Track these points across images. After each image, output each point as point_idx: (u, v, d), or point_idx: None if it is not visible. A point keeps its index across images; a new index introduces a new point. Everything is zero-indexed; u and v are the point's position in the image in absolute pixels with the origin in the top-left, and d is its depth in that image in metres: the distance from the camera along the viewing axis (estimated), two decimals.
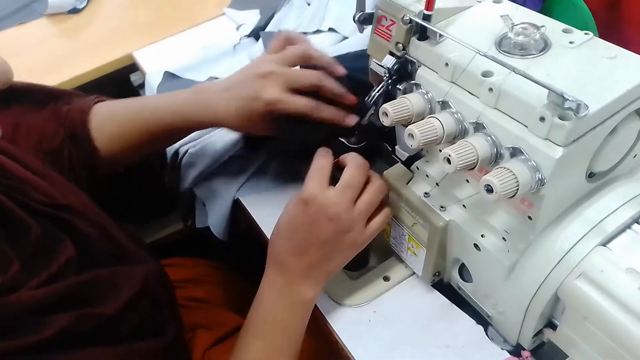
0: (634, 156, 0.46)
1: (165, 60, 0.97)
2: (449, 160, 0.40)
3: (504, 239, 0.46)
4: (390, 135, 0.58)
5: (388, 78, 0.50)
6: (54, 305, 0.42)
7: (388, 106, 0.46)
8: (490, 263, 0.47)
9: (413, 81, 0.49)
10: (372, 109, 0.55)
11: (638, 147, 0.45)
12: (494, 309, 0.50)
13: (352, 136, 0.60)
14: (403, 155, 0.57)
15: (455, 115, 0.44)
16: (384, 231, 0.59)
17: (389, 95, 0.52)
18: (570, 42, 0.43)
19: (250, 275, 0.55)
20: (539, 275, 0.43)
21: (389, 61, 0.50)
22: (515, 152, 0.40)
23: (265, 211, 0.67)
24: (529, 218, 0.43)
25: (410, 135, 0.43)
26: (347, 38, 0.88)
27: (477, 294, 0.52)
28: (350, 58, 0.69)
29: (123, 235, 0.55)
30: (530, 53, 0.42)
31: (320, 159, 0.52)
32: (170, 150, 0.78)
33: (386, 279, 0.58)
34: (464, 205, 0.49)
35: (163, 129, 0.63)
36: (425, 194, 0.51)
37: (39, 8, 1.22)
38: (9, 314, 0.40)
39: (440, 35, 0.45)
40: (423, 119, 0.45)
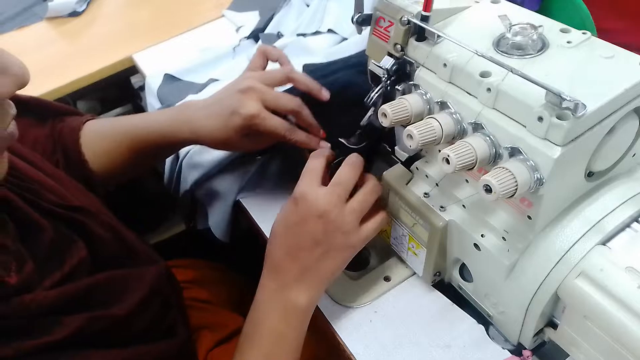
0: (633, 155, 0.46)
1: (165, 62, 0.97)
2: (447, 161, 0.40)
3: (503, 238, 0.46)
4: (389, 135, 0.58)
5: (387, 79, 0.51)
6: (67, 306, 0.43)
7: (387, 107, 0.46)
8: (491, 263, 0.47)
9: (412, 82, 0.49)
10: (372, 109, 0.55)
11: (636, 146, 0.45)
12: (495, 309, 0.50)
13: (351, 136, 0.60)
14: (402, 155, 0.57)
15: (453, 116, 0.44)
16: (384, 232, 0.59)
17: (388, 96, 0.52)
18: (568, 42, 0.43)
19: (252, 276, 0.54)
20: (539, 275, 0.43)
21: (387, 62, 0.50)
22: (513, 152, 0.40)
23: (266, 212, 0.68)
24: (529, 217, 0.44)
25: (409, 136, 0.43)
26: (346, 39, 0.88)
27: (478, 293, 0.52)
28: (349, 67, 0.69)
29: (133, 237, 0.55)
30: (528, 53, 0.42)
31: (314, 159, 0.52)
32: None
33: (387, 279, 0.58)
34: (463, 205, 0.49)
35: (148, 147, 0.63)
36: (425, 194, 0.52)
37: (39, 11, 1.22)
38: (24, 314, 0.40)
39: (439, 36, 0.45)
40: (422, 119, 0.45)
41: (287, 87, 0.63)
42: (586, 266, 0.41)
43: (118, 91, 1.58)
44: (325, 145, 0.59)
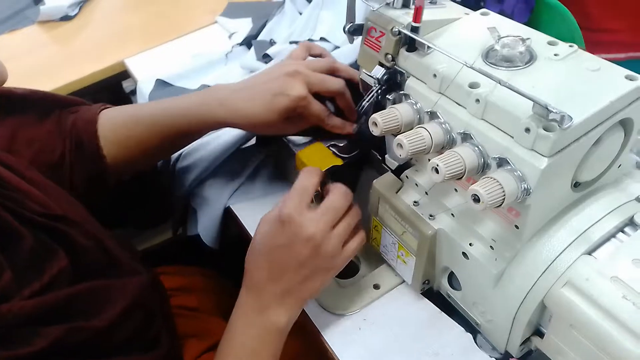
0: (619, 166, 0.47)
1: (157, 67, 0.97)
2: (437, 170, 0.41)
3: (491, 247, 0.47)
4: (380, 144, 0.59)
5: (377, 88, 0.51)
6: (45, 317, 0.42)
7: (377, 116, 0.46)
8: (479, 271, 0.48)
9: (402, 91, 0.49)
10: (363, 118, 0.55)
11: (622, 157, 0.46)
12: (483, 317, 0.51)
13: (342, 139, 0.60)
14: (393, 164, 0.57)
15: (443, 126, 0.45)
16: (374, 239, 0.59)
17: (379, 105, 0.53)
18: (555, 55, 0.43)
19: (242, 283, 0.54)
20: (526, 284, 0.44)
21: (378, 72, 0.51)
22: (501, 162, 0.41)
23: (256, 219, 0.66)
24: (516, 227, 0.44)
25: (399, 145, 0.44)
26: (339, 47, 0.89)
27: (466, 302, 0.52)
28: None
29: (118, 248, 0.55)
30: (516, 65, 0.43)
31: (305, 178, 0.51)
32: None
33: (376, 287, 0.59)
34: (452, 214, 0.50)
35: (179, 132, 0.62)
36: (415, 202, 0.52)
37: (31, 15, 1.22)
38: (1, 324, 0.39)
39: (429, 47, 0.46)
40: (412, 128, 0.45)
41: None
42: (572, 275, 0.42)
43: (109, 96, 1.57)
44: (351, 130, 0.60)
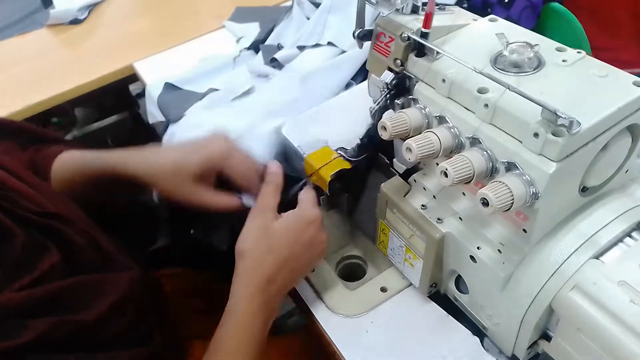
0: (626, 171, 0.47)
1: (165, 71, 0.98)
2: (445, 174, 0.41)
3: (499, 251, 0.47)
4: (388, 148, 0.59)
5: (386, 93, 0.52)
6: (34, 310, 0.42)
7: (386, 120, 0.47)
8: (486, 275, 0.48)
9: (411, 96, 0.50)
10: (371, 122, 0.56)
11: (629, 163, 0.46)
12: (490, 320, 0.51)
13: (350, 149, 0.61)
14: (401, 168, 0.58)
15: (451, 130, 0.45)
16: (382, 242, 0.60)
17: (387, 110, 0.53)
18: (564, 61, 0.44)
19: None
20: (533, 287, 0.44)
21: (387, 76, 0.51)
22: (510, 167, 0.41)
23: None
24: (524, 231, 0.44)
25: (408, 149, 0.44)
26: (345, 52, 0.89)
27: (473, 305, 0.53)
28: None
29: (112, 245, 0.55)
30: (524, 71, 0.44)
31: (304, 194, 0.57)
32: None
33: (383, 289, 0.59)
34: (460, 218, 0.50)
35: (99, 178, 0.61)
36: (423, 206, 0.52)
37: (40, 18, 1.23)
38: None
39: (438, 53, 0.47)
40: (420, 133, 0.46)
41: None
42: (580, 279, 0.42)
43: (115, 99, 1.58)
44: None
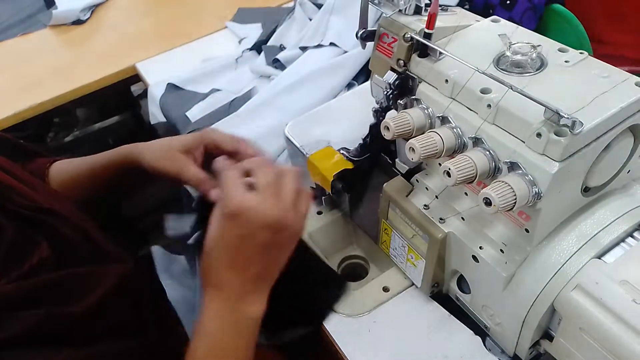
0: (628, 171, 0.47)
1: (168, 72, 0.98)
2: (448, 174, 0.41)
3: (501, 251, 0.47)
4: (390, 148, 0.60)
5: (389, 93, 0.52)
6: (22, 302, 0.42)
7: (389, 120, 0.47)
8: (488, 274, 0.48)
9: (414, 96, 0.50)
10: (374, 122, 0.56)
11: (631, 163, 0.46)
12: (492, 320, 0.51)
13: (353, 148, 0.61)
14: (403, 168, 0.58)
15: (454, 130, 0.45)
16: (384, 242, 0.60)
17: (390, 110, 0.54)
18: (566, 61, 0.44)
19: None
20: (535, 287, 0.44)
21: (390, 77, 0.51)
22: (512, 167, 0.41)
23: None
24: (526, 231, 0.45)
25: (411, 149, 0.44)
26: (347, 52, 0.90)
27: (475, 305, 0.53)
28: None
29: (105, 239, 0.55)
30: (527, 71, 0.44)
31: (227, 169, 0.48)
32: None
33: (386, 289, 0.59)
34: (462, 218, 0.50)
35: (103, 173, 0.62)
36: (425, 206, 0.53)
37: (43, 19, 1.23)
38: None
39: (440, 53, 0.47)
40: (423, 133, 0.46)
41: None
42: (582, 279, 0.42)
43: (116, 100, 1.59)
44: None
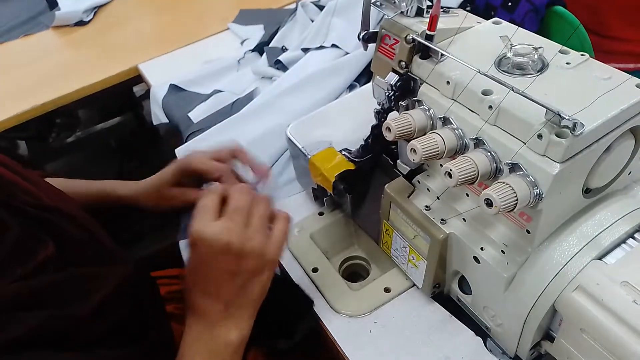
0: (629, 173, 0.47)
1: (170, 73, 0.99)
2: (450, 175, 0.41)
3: (502, 252, 0.47)
4: (392, 149, 0.60)
5: (391, 94, 0.52)
6: (26, 302, 0.42)
7: (391, 121, 0.47)
8: (490, 275, 0.48)
9: (415, 98, 0.50)
10: (376, 123, 0.56)
11: (632, 165, 0.47)
12: (493, 321, 0.51)
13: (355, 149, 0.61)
14: (404, 169, 0.58)
15: (456, 131, 0.45)
16: (385, 243, 0.60)
17: (392, 111, 0.54)
18: (567, 63, 0.44)
19: None
20: (536, 288, 0.44)
21: (392, 78, 0.52)
22: (514, 168, 0.42)
23: None
24: (527, 232, 0.45)
25: (413, 150, 0.44)
26: (349, 54, 0.90)
27: (476, 305, 0.53)
28: None
29: (110, 240, 0.55)
30: (528, 73, 0.44)
31: (206, 197, 0.49)
32: None
33: (387, 290, 0.59)
34: (464, 219, 0.50)
35: (93, 200, 0.68)
36: (426, 207, 0.53)
37: (45, 20, 1.24)
38: None
39: (442, 55, 0.47)
40: (425, 134, 0.46)
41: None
42: (583, 280, 0.42)
43: (118, 100, 1.59)
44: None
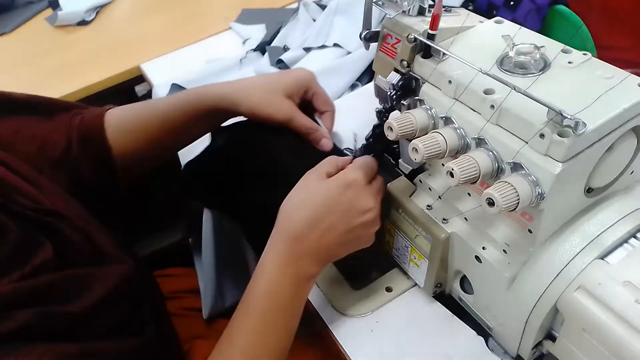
0: (631, 172, 0.47)
1: (172, 72, 0.99)
2: (452, 174, 0.41)
3: (504, 251, 0.47)
4: (394, 149, 0.60)
5: (393, 94, 0.52)
6: (21, 302, 0.42)
7: (393, 121, 0.47)
8: (491, 275, 0.48)
9: (417, 97, 0.50)
10: (377, 122, 0.56)
11: (634, 164, 0.46)
12: (495, 321, 0.51)
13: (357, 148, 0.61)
14: (406, 168, 0.58)
15: (457, 131, 0.45)
16: (387, 242, 0.60)
17: (394, 111, 0.54)
18: (569, 62, 0.44)
19: None
20: (538, 288, 0.44)
21: (394, 77, 0.52)
22: (516, 167, 0.41)
23: None
24: (529, 231, 0.45)
25: (414, 150, 0.44)
26: (351, 53, 0.90)
27: (478, 305, 0.53)
28: None
29: (108, 242, 0.55)
30: (530, 72, 0.44)
31: (370, 159, 0.55)
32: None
33: (389, 289, 0.59)
34: (465, 218, 0.50)
35: (188, 115, 0.64)
36: (428, 206, 0.53)
37: (48, 19, 1.24)
38: None
39: (444, 54, 0.47)
40: (426, 133, 0.46)
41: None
42: (585, 280, 0.42)
43: (120, 100, 1.59)
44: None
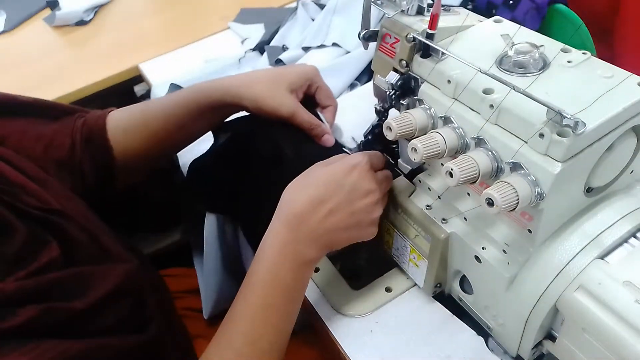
0: (631, 172, 0.47)
1: (171, 72, 0.98)
2: (451, 174, 0.41)
3: (504, 251, 0.47)
4: (393, 148, 0.60)
5: (392, 93, 0.52)
6: (26, 299, 0.43)
7: (392, 121, 0.47)
8: (491, 275, 0.48)
9: (416, 97, 0.50)
10: (376, 122, 0.56)
11: (634, 163, 0.46)
12: (494, 321, 0.51)
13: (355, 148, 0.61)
14: (405, 168, 0.58)
15: (457, 131, 0.45)
16: (387, 242, 0.60)
17: (393, 110, 0.54)
18: (569, 62, 0.44)
19: None
20: (538, 287, 0.44)
21: (392, 77, 0.51)
22: (515, 167, 0.41)
23: None
24: (529, 231, 0.45)
25: (414, 149, 0.44)
26: (349, 52, 0.90)
27: (478, 305, 0.53)
28: None
29: (112, 241, 0.56)
30: (529, 71, 0.44)
31: (378, 153, 0.55)
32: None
33: (388, 289, 0.59)
34: (465, 218, 0.50)
35: (191, 113, 0.65)
36: (427, 206, 0.53)
37: (46, 19, 1.24)
38: None
39: (443, 53, 0.47)
40: (426, 133, 0.46)
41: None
42: (585, 280, 0.42)
43: (119, 100, 1.59)
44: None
